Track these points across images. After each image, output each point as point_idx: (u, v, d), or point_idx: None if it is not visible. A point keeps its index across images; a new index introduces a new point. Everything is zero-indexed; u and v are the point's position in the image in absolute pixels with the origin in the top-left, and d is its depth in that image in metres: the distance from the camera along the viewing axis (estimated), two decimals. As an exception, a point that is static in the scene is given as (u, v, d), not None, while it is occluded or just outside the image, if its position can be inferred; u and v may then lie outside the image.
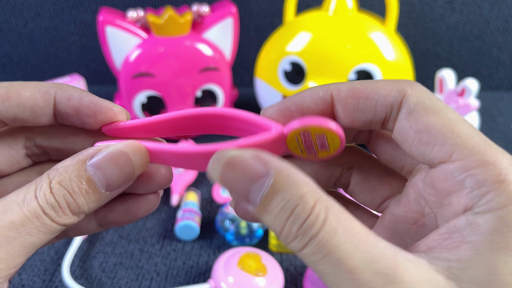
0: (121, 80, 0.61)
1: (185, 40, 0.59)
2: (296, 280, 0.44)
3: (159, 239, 0.49)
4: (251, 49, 0.86)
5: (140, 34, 0.59)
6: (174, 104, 0.63)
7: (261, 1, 0.80)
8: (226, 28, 0.62)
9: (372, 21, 0.58)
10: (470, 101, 0.54)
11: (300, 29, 0.59)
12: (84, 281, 0.44)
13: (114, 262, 0.46)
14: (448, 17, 0.81)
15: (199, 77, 0.62)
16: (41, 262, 0.46)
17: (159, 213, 0.53)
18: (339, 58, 0.57)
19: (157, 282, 0.44)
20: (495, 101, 0.84)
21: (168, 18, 0.57)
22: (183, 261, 0.46)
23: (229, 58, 0.65)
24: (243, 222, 0.47)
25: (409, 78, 0.59)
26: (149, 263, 0.46)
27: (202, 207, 0.54)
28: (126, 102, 0.63)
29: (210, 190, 0.57)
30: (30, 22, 0.83)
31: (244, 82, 0.90)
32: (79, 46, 0.86)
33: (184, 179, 0.56)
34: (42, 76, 0.90)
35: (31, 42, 0.86)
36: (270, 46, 0.62)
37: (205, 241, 0.49)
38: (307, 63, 0.58)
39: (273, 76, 0.62)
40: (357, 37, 0.56)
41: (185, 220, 0.48)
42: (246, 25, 0.83)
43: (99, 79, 0.90)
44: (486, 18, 0.81)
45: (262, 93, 0.65)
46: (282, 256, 0.47)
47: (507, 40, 0.83)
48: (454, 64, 0.86)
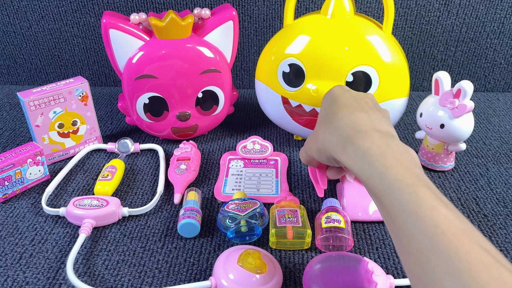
0: (124, 82, 0.62)
1: (187, 42, 0.61)
2: (295, 277, 0.45)
3: (161, 237, 0.50)
4: (251, 52, 0.87)
5: (142, 37, 0.60)
6: (176, 106, 0.64)
7: (261, 5, 0.81)
8: (226, 31, 0.63)
9: (369, 24, 0.59)
10: (466, 102, 0.55)
11: (299, 32, 0.60)
12: (88, 278, 0.45)
13: (117, 260, 0.47)
14: (444, 20, 0.82)
15: (200, 79, 0.63)
16: (45, 259, 0.47)
17: (160, 212, 0.54)
18: (337, 60, 0.58)
19: (159, 279, 0.45)
20: (490, 102, 0.85)
21: (170, 21, 0.58)
22: (184, 259, 0.47)
23: (229, 61, 0.66)
24: (243, 220, 0.48)
25: (405, 80, 0.60)
26: (151, 260, 0.47)
27: (203, 206, 0.55)
28: (129, 103, 0.64)
29: (211, 189, 0.58)
30: (34, 24, 0.85)
31: (244, 84, 0.91)
32: (82, 49, 0.87)
33: (186, 178, 0.57)
34: (46, 78, 0.91)
35: (35, 44, 0.87)
36: (269, 48, 0.63)
37: (206, 239, 0.50)
38: (306, 65, 0.59)
39: (273, 78, 0.63)
40: (354, 40, 0.57)
41: (186, 218, 0.49)
42: (246, 28, 0.84)
43: (102, 81, 0.91)
44: (482, 21, 0.82)
45: (262, 94, 0.66)
46: (281, 254, 0.48)
47: (503, 42, 0.84)
48: (450, 65, 0.87)
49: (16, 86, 0.91)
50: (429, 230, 0.28)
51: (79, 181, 0.60)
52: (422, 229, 0.28)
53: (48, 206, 0.54)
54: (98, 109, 0.80)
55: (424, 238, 0.28)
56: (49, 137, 0.62)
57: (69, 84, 0.61)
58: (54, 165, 0.63)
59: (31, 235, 0.50)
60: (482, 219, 0.53)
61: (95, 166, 0.63)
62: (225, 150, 0.68)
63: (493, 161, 0.64)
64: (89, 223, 0.50)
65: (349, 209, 0.52)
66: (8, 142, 0.70)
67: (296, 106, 0.62)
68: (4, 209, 0.55)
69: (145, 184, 0.59)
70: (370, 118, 0.39)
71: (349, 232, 0.48)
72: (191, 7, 0.82)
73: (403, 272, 0.45)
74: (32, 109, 0.58)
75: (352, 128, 0.38)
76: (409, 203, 0.30)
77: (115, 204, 0.52)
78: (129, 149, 0.65)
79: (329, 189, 0.58)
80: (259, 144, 0.64)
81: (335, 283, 0.41)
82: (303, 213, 0.50)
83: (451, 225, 0.28)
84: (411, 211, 0.30)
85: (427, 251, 0.27)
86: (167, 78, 0.61)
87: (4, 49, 0.88)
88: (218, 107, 0.67)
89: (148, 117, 0.65)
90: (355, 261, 0.43)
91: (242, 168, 0.62)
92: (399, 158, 0.34)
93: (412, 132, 0.73)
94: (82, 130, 0.64)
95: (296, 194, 0.57)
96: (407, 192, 0.31)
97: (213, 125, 0.70)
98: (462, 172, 0.62)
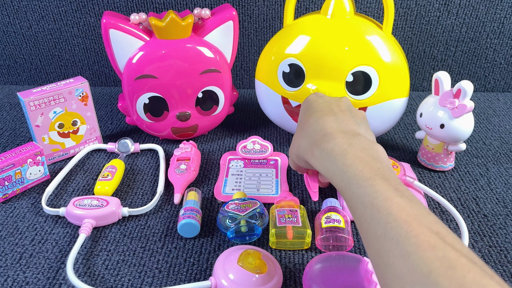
0: (124, 82, 0.62)
1: (187, 42, 0.61)
2: (295, 277, 0.45)
3: (161, 237, 0.50)
4: (251, 52, 0.87)
5: (142, 37, 0.60)
6: (176, 106, 0.64)
7: (261, 5, 0.82)
8: (226, 31, 0.63)
9: (369, 24, 0.59)
10: (466, 102, 0.55)
11: (299, 32, 0.60)
12: (88, 278, 0.45)
13: (117, 260, 0.47)
14: (444, 20, 0.82)
15: (201, 79, 0.63)
16: (45, 259, 0.47)
17: (160, 212, 0.54)
18: (337, 60, 0.58)
19: (159, 279, 0.45)
20: (490, 102, 0.85)
21: (170, 21, 0.58)
22: (184, 259, 0.47)
23: (229, 61, 0.66)
24: (243, 220, 0.48)
25: (405, 80, 0.60)
26: (151, 260, 0.47)
27: (203, 206, 0.55)
28: (129, 103, 0.64)
29: (211, 189, 0.58)
30: (34, 24, 0.85)
31: (244, 84, 0.91)
32: (82, 49, 0.87)
33: (186, 178, 0.57)
34: (46, 78, 0.91)
35: (35, 44, 0.87)
36: (269, 48, 0.63)
37: (206, 239, 0.50)
38: (306, 65, 0.59)
39: (273, 78, 0.63)
40: (354, 40, 0.57)
41: (186, 218, 0.49)
42: (246, 28, 0.84)
43: (102, 81, 0.91)
44: (482, 21, 0.82)
45: (262, 94, 0.66)
46: (281, 254, 0.48)
47: (503, 42, 0.84)
48: (450, 65, 0.87)
49: (16, 86, 0.91)
50: (383, 218, 0.30)
51: (79, 181, 0.60)
52: (376, 218, 0.31)
53: (48, 206, 0.54)
54: (98, 109, 0.80)
55: (378, 226, 0.30)
56: (49, 137, 0.62)
57: (69, 84, 0.61)
58: (54, 165, 0.63)
59: (31, 235, 0.50)
60: (482, 219, 0.53)
61: (95, 166, 0.63)
62: (225, 150, 0.68)
63: (493, 161, 0.64)
64: (89, 223, 0.50)
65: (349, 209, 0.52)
66: (8, 142, 0.70)
67: (296, 106, 0.62)
68: (4, 209, 0.55)
69: (145, 184, 0.59)
70: (337, 120, 0.42)
71: (349, 232, 0.48)
72: (191, 7, 0.82)
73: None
74: (32, 109, 0.58)
75: (319, 132, 0.41)
76: (366, 196, 0.33)
77: (115, 204, 0.52)
78: (129, 149, 0.65)
79: (329, 189, 0.58)
80: (259, 144, 0.64)
81: (335, 283, 0.41)
82: (303, 213, 0.50)
83: (403, 212, 0.30)
84: (368, 203, 0.32)
85: (381, 238, 0.30)
86: (167, 78, 0.61)
87: (4, 49, 0.88)
88: (218, 107, 0.67)
89: (148, 117, 0.65)
90: (355, 261, 0.43)
91: (242, 168, 0.62)
92: (359, 155, 0.36)
93: (412, 132, 0.73)
94: (82, 130, 0.65)
95: (296, 194, 0.57)
96: (364, 185, 0.33)
97: (213, 125, 0.70)
98: (462, 172, 0.62)
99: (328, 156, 0.38)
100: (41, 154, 0.58)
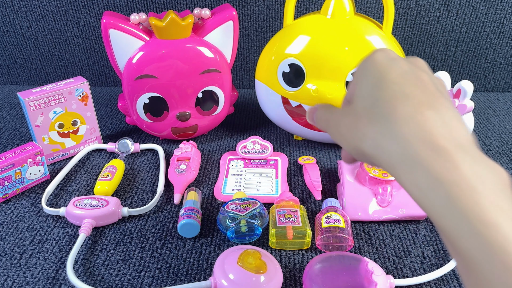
0: (124, 82, 0.62)
1: (187, 42, 0.61)
2: (295, 277, 0.45)
3: (161, 237, 0.50)
4: (251, 52, 0.87)
5: (142, 37, 0.60)
6: (176, 106, 0.64)
7: (261, 5, 0.82)
8: (226, 31, 0.63)
9: (369, 24, 0.59)
10: (466, 102, 0.55)
11: (299, 32, 0.60)
12: (88, 278, 0.45)
13: (117, 260, 0.47)
14: (444, 20, 0.82)
15: (201, 79, 0.63)
16: (45, 259, 0.47)
17: (160, 212, 0.54)
18: (337, 60, 0.58)
19: (159, 279, 0.45)
20: (490, 102, 0.85)
21: (170, 21, 0.58)
22: (184, 259, 0.47)
23: (229, 61, 0.66)
24: (243, 220, 0.48)
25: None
26: (151, 260, 0.47)
27: (203, 206, 0.55)
28: (129, 103, 0.64)
29: (211, 189, 0.58)
30: (34, 24, 0.85)
31: (244, 84, 0.91)
32: (82, 49, 0.87)
33: (186, 178, 0.57)
34: (46, 78, 0.91)
35: (35, 44, 0.87)
36: (269, 48, 0.63)
37: (206, 239, 0.50)
38: (306, 65, 0.59)
39: (273, 78, 0.63)
40: (354, 40, 0.57)
41: (186, 218, 0.49)
42: (246, 28, 0.84)
43: (102, 81, 0.91)
44: (482, 21, 0.82)
45: (261, 94, 0.66)
46: (281, 254, 0.48)
47: (503, 42, 0.84)
48: (450, 65, 0.87)
49: (16, 86, 0.91)
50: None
51: (79, 181, 0.60)
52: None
53: (48, 206, 0.54)
54: (98, 109, 0.80)
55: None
56: (49, 137, 0.62)
57: (69, 84, 0.61)
58: (54, 165, 0.63)
59: (31, 235, 0.50)
60: (482, 219, 0.53)
61: (95, 166, 0.63)
62: (225, 150, 0.68)
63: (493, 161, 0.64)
64: (89, 223, 0.50)
65: (349, 209, 0.52)
66: (8, 142, 0.70)
67: (296, 106, 0.62)
68: (4, 209, 0.55)
69: (145, 184, 0.59)
70: (441, 117, 0.27)
71: (349, 232, 0.48)
72: (191, 7, 0.82)
73: (403, 272, 0.45)
74: (32, 109, 0.58)
75: (421, 139, 0.26)
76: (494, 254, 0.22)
77: (115, 204, 0.52)
78: (129, 149, 0.65)
79: (329, 189, 0.58)
80: (259, 144, 0.64)
81: (335, 283, 0.41)
82: (303, 213, 0.50)
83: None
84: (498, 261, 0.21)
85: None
86: (167, 78, 0.61)
87: (4, 49, 0.88)
88: (218, 107, 0.67)
89: (148, 117, 0.65)
90: (355, 261, 0.43)
91: (242, 168, 0.62)
92: (498, 203, 0.23)
93: (412, 132, 0.73)
94: (82, 130, 0.65)
95: (296, 194, 0.57)
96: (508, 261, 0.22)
97: (213, 125, 0.70)
98: (462, 172, 0.62)
99: (440, 190, 0.24)
100: (41, 154, 0.58)
